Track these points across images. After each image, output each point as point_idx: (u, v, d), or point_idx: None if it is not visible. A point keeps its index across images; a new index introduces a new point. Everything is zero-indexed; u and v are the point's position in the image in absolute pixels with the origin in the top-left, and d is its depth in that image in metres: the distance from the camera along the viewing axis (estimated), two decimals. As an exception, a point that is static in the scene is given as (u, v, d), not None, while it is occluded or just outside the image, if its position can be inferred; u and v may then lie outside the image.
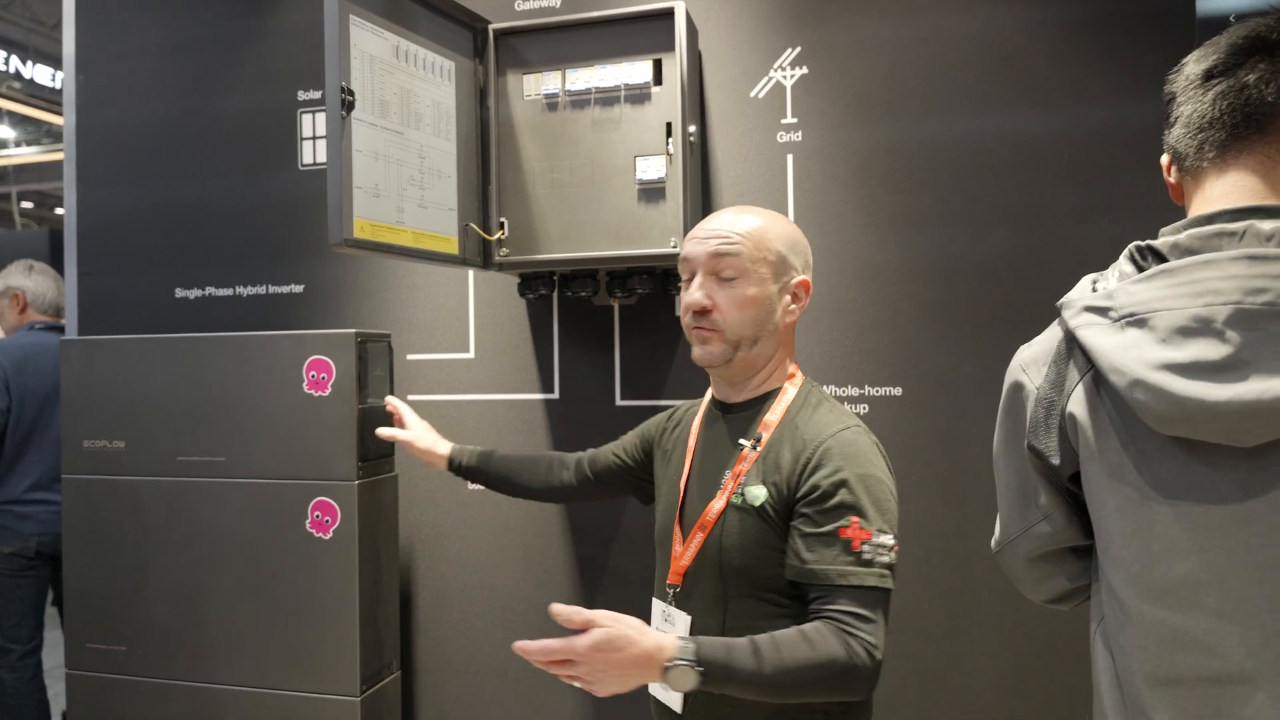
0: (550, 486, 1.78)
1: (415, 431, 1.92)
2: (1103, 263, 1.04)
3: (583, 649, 1.11)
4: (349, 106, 1.58)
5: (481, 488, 2.04)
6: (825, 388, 1.78)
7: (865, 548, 1.23)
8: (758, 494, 1.31)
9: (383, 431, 1.94)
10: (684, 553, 1.37)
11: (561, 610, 1.13)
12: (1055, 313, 1.06)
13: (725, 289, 1.35)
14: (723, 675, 1.15)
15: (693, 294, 1.36)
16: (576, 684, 1.15)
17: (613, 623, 1.13)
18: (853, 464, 1.27)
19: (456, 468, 1.85)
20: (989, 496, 1.18)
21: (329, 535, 2.04)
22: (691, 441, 1.46)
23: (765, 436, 1.35)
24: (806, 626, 1.21)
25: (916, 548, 1.93)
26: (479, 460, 1.83)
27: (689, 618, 1.35)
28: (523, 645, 1.13)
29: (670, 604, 1.38)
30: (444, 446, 1.87)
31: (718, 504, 1.34)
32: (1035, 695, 1.90)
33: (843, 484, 1.25)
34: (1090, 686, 1.06)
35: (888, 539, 1.25)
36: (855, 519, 1.24)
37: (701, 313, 1.35)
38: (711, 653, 1.15)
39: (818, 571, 1.23)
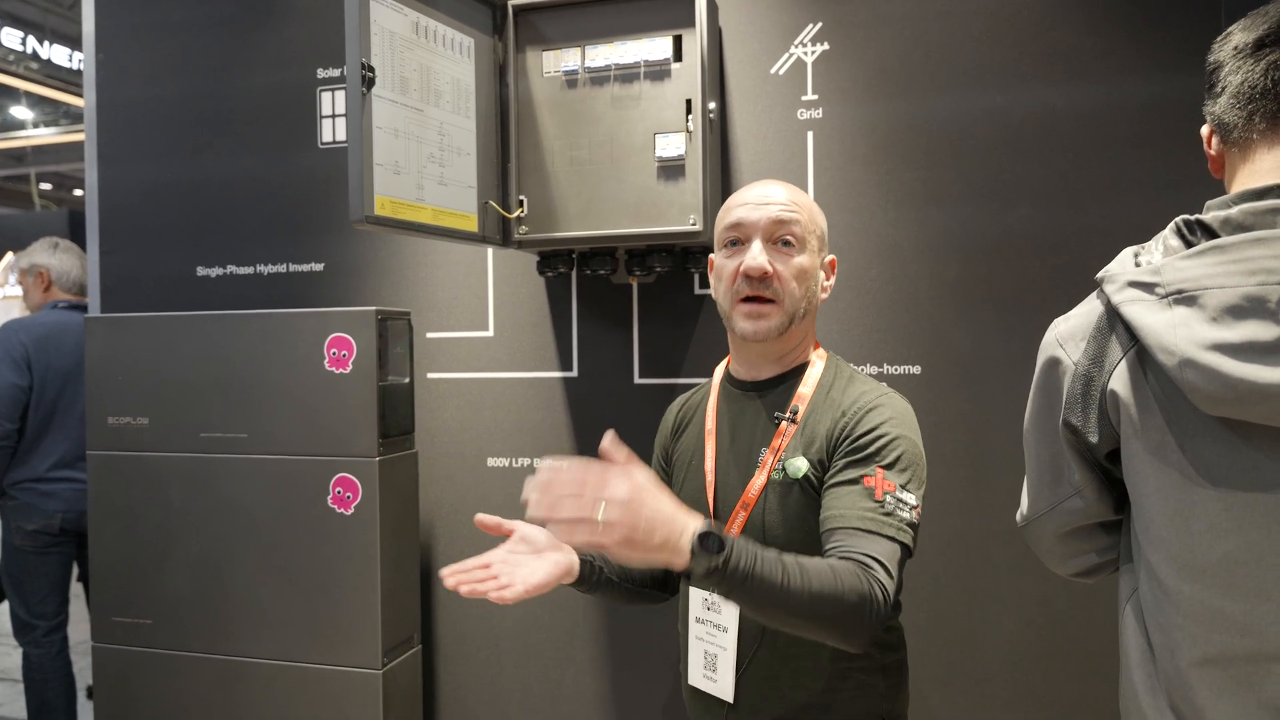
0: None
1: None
2: (1124, 241, 1.03)
3: (619, 488, 0.99)
4: (369, 83, 1.58)
5: (504, 464, 2.06)
6: (845, 365, 1.77)
7: (887, 498, 1.21)
8: (799, 466, 1.29)
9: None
10: (730, 529, 1.33)
11: (612, 445, 1.03)
12: (1076, 290, 1.04)
13: (783, 257, 1.32)
14: (743, 575, 1.04)
15: (756, 258, 1.30)
16: (577, 530, 1.00)
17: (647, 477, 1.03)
18: (891, 423, 1.27)
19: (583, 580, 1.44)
20: (1008, 474, 1.18)
21: (350, 511, 2.06)
22: (710, 423, 1.43)
23: (801, 409, 1.33)
24: (833, 559, 1.16)
25: (936, 525, 1.93)
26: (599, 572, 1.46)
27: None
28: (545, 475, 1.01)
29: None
30: (573, 569, 1.38)
31: (759, 481, 1.32)
32: (1054, 671, 1.91)
33: (878, 439, 1.25)
34: (1113, 662, 1.06)
35: (910, 497, 1.23)
36: (881, 470, 1.23)
37: (762, 279, 1.31)
38: (742, 544, 1.05)
39: (841, 515, 1.21)
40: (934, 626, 1.96)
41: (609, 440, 1.05)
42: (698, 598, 1.39)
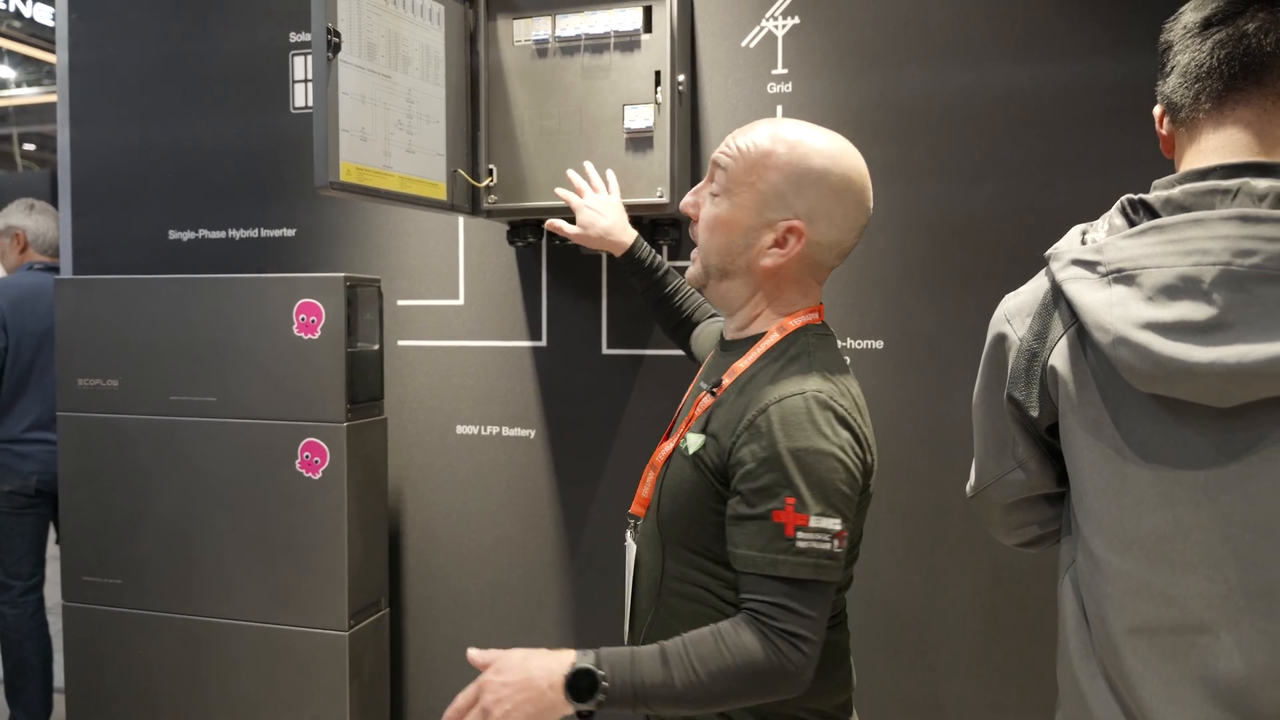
0: (678, 324, 1.78)
1: (587, 217, 1.80)
2: (1088, 218, 1.05)
3: (485, 700, 1.08)
4: (335, 48, 1.58)
5: (473, 431, 2.07)
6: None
7: (800, 534, 1.09)
8: (694, 442, 1.20)
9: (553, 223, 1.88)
10: (643, 485, 1.32)
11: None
12: (1039, 268, 1.06)
13: (707, 203, 1.25)
14: (631, 697, 1.07)
15: (686, 196, 1.29)
16: None
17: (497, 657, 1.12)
18: (788, 436, 1.10)
19: (630, 259, 1.78)
20: (966, 449, 1.20)
21: (318, 476, 2.08)
22: (701, 368, 1.40)
23: (726, 383, 1.22)
24: (723, 624, 1.11)
25: (896, 498, 1.97)
26: (650, 268, 1.78)
27: (634, 548, 1.31)
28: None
29: (630, 533, 1.34)
30: (628, 235, 1.78)
31: (668, 445, 1.27)
32: (1003, 639, 1.95)
33: (774, 459, 1.10)
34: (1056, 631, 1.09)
35: (832, 523, 1.09)
36: (790, 501, 1.09)
37: (689, 220, 1.29)
38: (617, 668, 1.08)
39: (747, 557, 1.11)
40: (890, 596, 2.00)
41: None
42: (629, 537, 1.36)
